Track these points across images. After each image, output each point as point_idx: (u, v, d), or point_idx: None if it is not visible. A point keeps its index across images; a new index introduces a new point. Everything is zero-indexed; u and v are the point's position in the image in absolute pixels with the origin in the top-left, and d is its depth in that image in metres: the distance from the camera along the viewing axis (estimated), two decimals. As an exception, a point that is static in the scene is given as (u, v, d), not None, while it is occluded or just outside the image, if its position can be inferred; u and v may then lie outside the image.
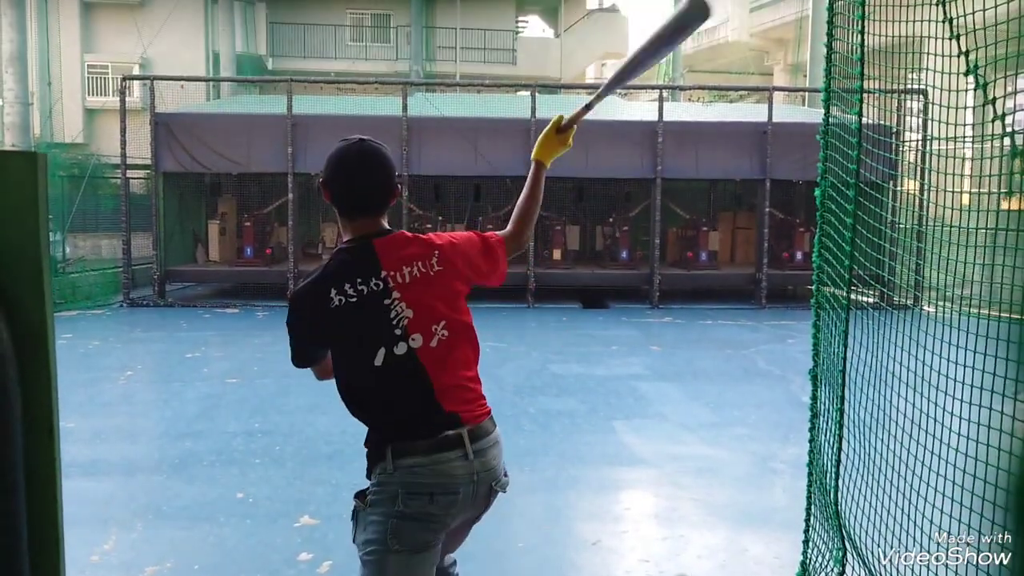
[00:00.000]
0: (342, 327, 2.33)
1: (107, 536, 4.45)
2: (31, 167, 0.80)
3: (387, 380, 2.32)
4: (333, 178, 2.43)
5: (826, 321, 3.54)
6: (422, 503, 2.27)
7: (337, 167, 2.43)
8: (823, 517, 3.60)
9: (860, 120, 3.20)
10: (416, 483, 2.27)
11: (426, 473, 2.28)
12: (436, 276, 2.41)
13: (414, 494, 2.27)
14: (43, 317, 0.88)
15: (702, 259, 15.11)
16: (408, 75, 24.57)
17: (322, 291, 2.33)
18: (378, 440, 2.34)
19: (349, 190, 2.42)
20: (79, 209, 15.40)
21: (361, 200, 2.43)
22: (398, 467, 2.28)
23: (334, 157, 2.44)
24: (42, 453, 0.90)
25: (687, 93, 21.75)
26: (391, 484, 2.28)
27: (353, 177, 2.42)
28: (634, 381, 8.46)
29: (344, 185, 2.42)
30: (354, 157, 2.42)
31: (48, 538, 0.91)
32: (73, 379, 8.17)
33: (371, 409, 2.36)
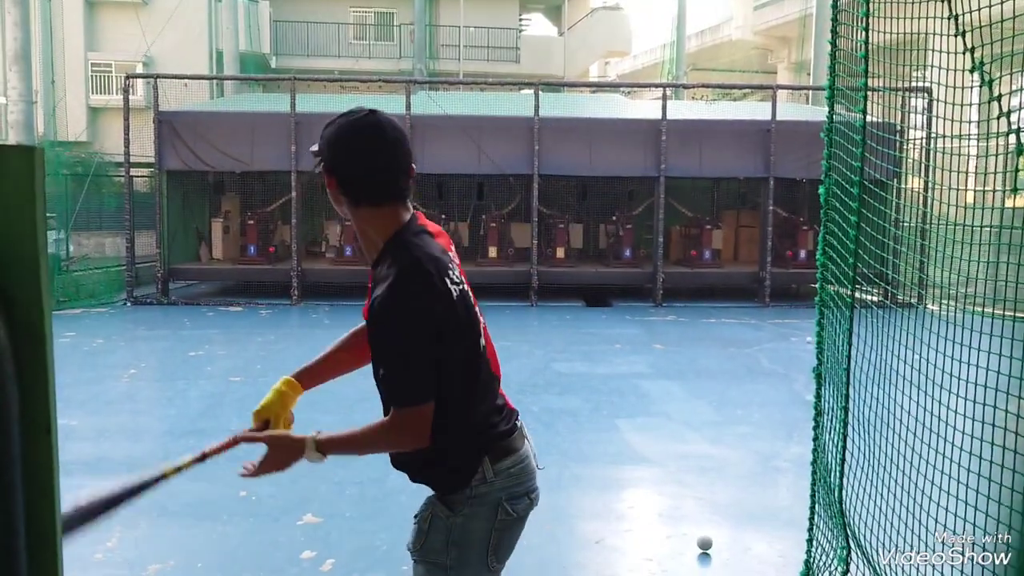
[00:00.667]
0: (457, 321, 2.04)
1: (111, 534, 4.45)
2: (28, 161, 0.80)
3: (484, 377, 2.14)
4: (354, 160, 2.03)
5: (830, 319, 3.53)
6: (524, 504, 2.15)
7: (360, 146, 2.02)
8: (827, 516, 3.59)
9: (864, 118, 3.19)
10: (516, 484, 2.13)
11: (520, 471, 2.15)
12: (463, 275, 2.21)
13: (516, 496, 2.13)
14: (41, 313, 0.87)
15: (705, 257, 15.09)
16: (411, 73, 24.57)
17: (449, 276, 2.04)
18: (469, 451, 2.10)
19: (390, 171, 2.04)
20: (83, 207, 15.43)
21: (396, 181, 2.06)
22: (498, 472, 2.10)
23: (350, 135, 2.03)
24: (40, 451, 0.89)
25: (691, 91, 21.73)
26: (492, 493, 2.09)
27: (393, 153, 2.03)
28: (637, 379, 8.45)
29: (385, 164, 2.03)
30: (384, 132, 2.02)
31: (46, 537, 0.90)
32: (77, 377, 8.18)
33: (469, 414, 2.10)
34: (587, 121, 14.49)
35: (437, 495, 2.13)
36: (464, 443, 2.09)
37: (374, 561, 4.16)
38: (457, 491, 2.09)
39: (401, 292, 1.94)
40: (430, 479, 2.15)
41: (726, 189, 17.63)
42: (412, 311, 1.95)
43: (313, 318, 12.70)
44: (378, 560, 4.17)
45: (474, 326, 2.11)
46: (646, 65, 41.20)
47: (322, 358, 2.49)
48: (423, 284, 1.96)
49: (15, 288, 0.82)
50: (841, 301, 3.39)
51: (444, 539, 2.09)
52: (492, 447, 2.11)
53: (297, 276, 13.90)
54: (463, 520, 2.08)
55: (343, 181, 2.05)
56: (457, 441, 2.08)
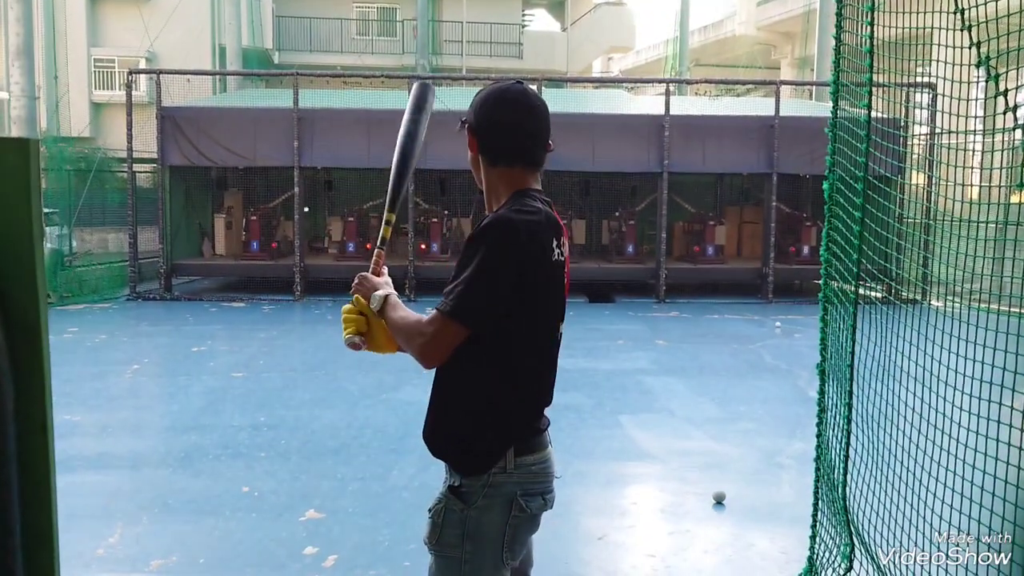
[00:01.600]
0: (547, 288, 2.09)
1: (113, 529, 4.45)
2: (23, 154, 0.79)
3: (544, 364, 2.15)
4: (500, 119, 2.11)
5: (834, 316, 3.51)
6: (539, 504, 2.12)
7: (506, 108, 2.10)
8: (831, 512, 3.58)
9: (869, 113, 3.18)
10: (533, 483, 2.11)
11: (541, 472, 2.13)
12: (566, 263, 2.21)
13: (531, 495, 2.10)
14: (36, 309, 0.86)
15: (708, 253, 15.07)
16: (414, 69, 24.54)
17: (546, 239, 2.07)
18: (498, 437, 2.08)
19: (522, 134, 2.12)
20: (86, 203, 15.41)
21: (532, 145, 2.14)
22: (519, 466, 2.08)
23: (500, 97, 2.12)
24: (36, 448, 0.88)
25: (694, 87, 21.67)
26: (508, 485, 2.07)
27: (525, 119, 2.12)
28: (640, 375, 8.44)
29: (515, 127, 2.11)
30: (523, 97, 2.11)
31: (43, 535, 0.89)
32: (80, 372, 8.19)
33: (513, 397, 2.10)
34: (590, 117, 14.45)
35: (450, 487, 2.11)
36: (496, 427, 2.09)
37: (376, 557, 4.16)
38: (475, 475, 2.07)
39: (503, 227, 2.01)
40: (453, 455, 2.13)
41: (729, 185, 17.61)
42: (502, 246, 2.00)
43: (316, 314, 12.70)
44: (380, 556, 4.17)
45: (553, 307, 2.13)
46: (649, 61, 41.11)
47: None
48: (526, 232, 2.02)
49: (10, 283, 0.81)
50: (845, 297, 3.38)
51: (459, 532, 2.07)
52: (520, 439, 2.10)
53: (300, 272, 13.89)
54: (477, 513, 2.06)
55: (484, 141, 2.14)
56: (491, 422, 2.09)
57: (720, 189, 17.74)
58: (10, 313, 0.81)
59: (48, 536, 0.89)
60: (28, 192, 0.79)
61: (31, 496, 0.85)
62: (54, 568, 0.91)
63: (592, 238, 16.90)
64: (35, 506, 0.87)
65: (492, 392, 2.08)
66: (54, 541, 0.91)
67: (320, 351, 9.76)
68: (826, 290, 3.55)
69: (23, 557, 0.84)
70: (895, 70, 3.18)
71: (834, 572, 3.46)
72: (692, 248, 15.34)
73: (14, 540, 0.82)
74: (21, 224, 0.80)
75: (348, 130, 14.12)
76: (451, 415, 2.13)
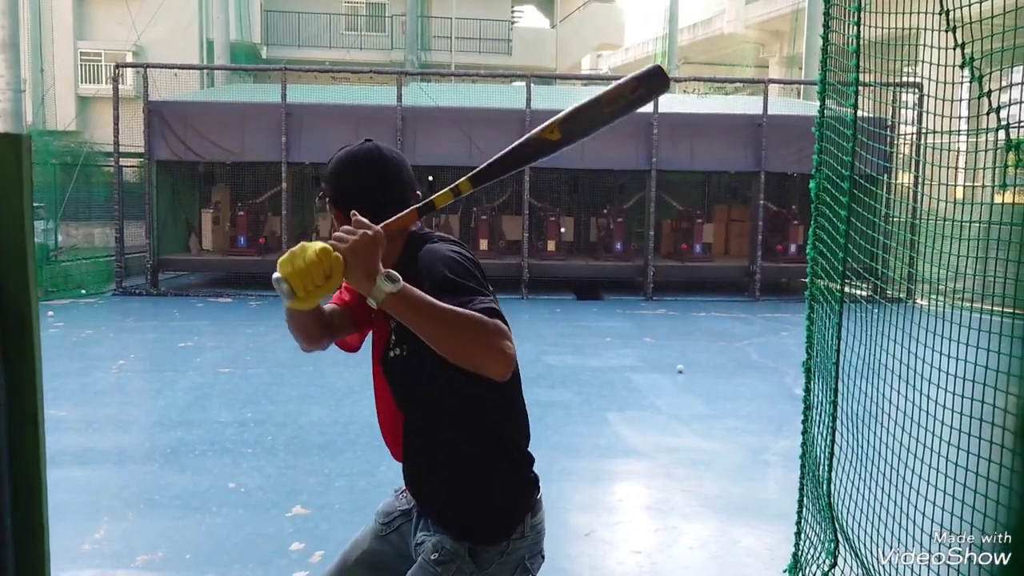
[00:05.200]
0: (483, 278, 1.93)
1: (98, 525, 4.44)
2: (14, 149, 0.79)
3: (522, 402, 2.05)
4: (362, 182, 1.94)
5: (820, 314, 3.53)
6: (539, 564, 2.00)
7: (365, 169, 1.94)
8: (815, 509, 3.61)
9: (855, 113, 3.20)
10: (537, 541, 1.98)
11: (543, 529, 2.01)
12: None
13: (535, 555, 1.98)
14: (27, 303, 0.87)
15: (696, 251, 15.11)
16: (403, 65, 24.48)
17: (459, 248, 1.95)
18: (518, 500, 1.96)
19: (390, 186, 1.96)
20: (72, 197, 15.34)
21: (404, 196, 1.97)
22: (532, 527, 1.96)
23: (354, 161, 1.95)
24: (27, 443, 0.88)
25: (683, 85, 21.70)
26: (522, 550, 1.95)
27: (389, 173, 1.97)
28: (628, 373, 8.46)
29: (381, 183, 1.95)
30: (379, 154, 1.97)
31: (33, 527, 0.90)
32: (65, 368, 8.15)
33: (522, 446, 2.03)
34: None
35: (468, 546, 1.92)
36: (516, 489, 1.97)
37: (363, 553, 4.16)
38: (495, 543, 1.92)
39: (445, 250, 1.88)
40: (477, 531, 1.94)
41: (717, 183, 17.67)
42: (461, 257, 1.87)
43: (303, 310, 12.66)
44: (367, 552, 4.17)
45: None
46: (638, 58, 41.12)
47: None
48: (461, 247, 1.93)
49: (2, 276, 0.81)
50: (831, 295, 3.40)
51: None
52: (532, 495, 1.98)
53: (287, 267, 13.83)
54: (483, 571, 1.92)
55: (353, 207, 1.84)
56: (511, 484, 1.97)
57: (708, 187, 17.80)
58: (1, 305, 0.81)
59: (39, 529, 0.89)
60: (20, 186, 0.79)
61: (21, 488, 0.86)
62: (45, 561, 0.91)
63: (580, 235, 16.94)
64: (26, 499, 0.87)
65: (507, 444, 1.97)
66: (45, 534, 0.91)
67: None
68: (812, 288, 3.57)
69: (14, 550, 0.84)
70: (882, 70, 3.20)
71: (818, 568, 3.49)
72: (680, 246, 15.38)
73: (5, 533, 0.83)
74: (13, 218, 0.80)
75: (336, 126, 14.09)
76: (470, 484, 1.96)
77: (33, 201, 0.90)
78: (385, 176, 1.95)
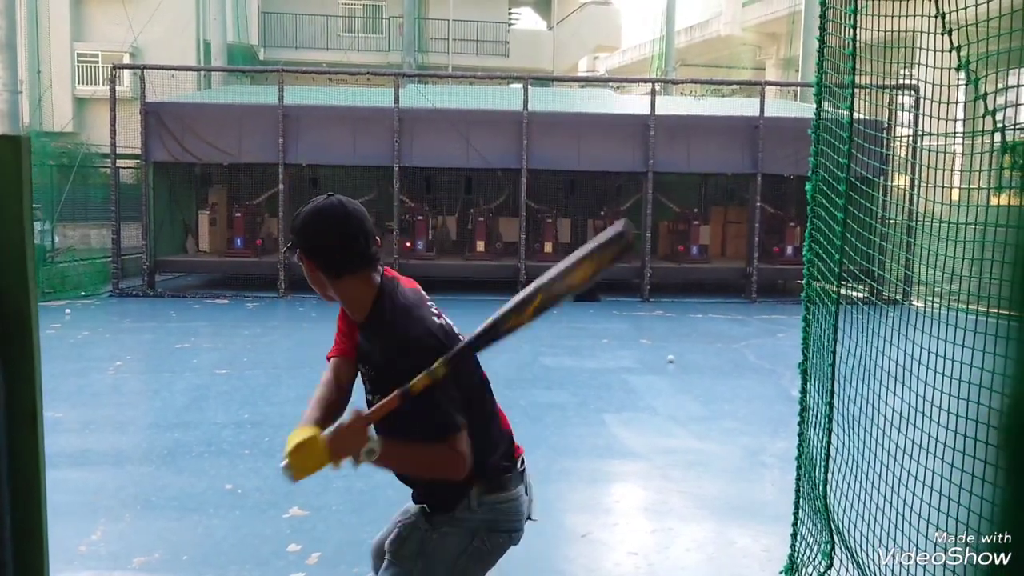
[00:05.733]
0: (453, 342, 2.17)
1: (95, 526, 4.44)
2: (15, 151, 0.79)
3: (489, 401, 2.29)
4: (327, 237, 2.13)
5: (816, 315, 3.54)
6: (501, 540, 2.24)
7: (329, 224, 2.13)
8: (812, 510, 3.61)
9: (852, 115, 3.20)
10: (500, 519, 2.23)
11: (508, 510, 2.25)
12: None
13: (495, 531, 2.23)
14: (27, 305, 0.87)
15: (693, 253, 15.13)
16: (400, 66, 24.46)
17: (426, 314, 2.19)
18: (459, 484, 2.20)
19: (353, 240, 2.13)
20: (68, 198, 15.32)
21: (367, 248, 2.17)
22: (483, 504, 2.22)
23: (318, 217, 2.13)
24: (26, 443, 0.88)
25: (680, 87, 21.73)
26: (472, 520, 2.22)
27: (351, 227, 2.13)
28: (624, 374, 8.47)
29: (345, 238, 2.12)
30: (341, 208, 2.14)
31: (32, 527, 0.90)
32: (62, 369, 8.14)
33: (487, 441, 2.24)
34: (576, 116, 14.48)
35: (424, 511, 2.28)
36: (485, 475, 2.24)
37: (360, 555, 4.16)
38: (442, 512, 2.24)
39: (414, 326, 2.14)
40: (425, 496, 2.30)
41: (714, 185, 17.68)
42: (429, 339, 2.12)
43: (300, 311, 12.67)
44: (364, 554, 4.15)
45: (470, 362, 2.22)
46: (635, 60, 41.17)
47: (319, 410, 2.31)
48: (426, 317, 2.18)
49: (1, 278, 0.81)
50: (827, 297, 3.41)
51: (416, 549, 2.23)
52: (483, 479, 2.22)
53: (284, 269, 13.85)
54: (439, 537, 2.22)
55: (320, 260, 2.15)
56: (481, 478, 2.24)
57: (705, 189, 17.81)
58: (1, 306, 0.81)
59: (38, 528, 0.89)
60: (20, 188, 0.79)
61: (20, 488, 0.86)
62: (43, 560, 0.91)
63: (577, 237, 16.91)
64: (25, 499, 0.87)
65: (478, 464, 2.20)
66: (43, 533, 0.92)
67: (304, 348, 9.74)
68: (808, 290, 3.57)
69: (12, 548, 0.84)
70: (878, 72, 3.21)
71: (814, 570, 3.49)
72: (677, 247, 15.39)
73: (4, 533, 0.83)
74: (13, 220, 0.80)
75: (333, 127, 14.10)
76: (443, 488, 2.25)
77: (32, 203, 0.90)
78: (348, 228, 2.14)
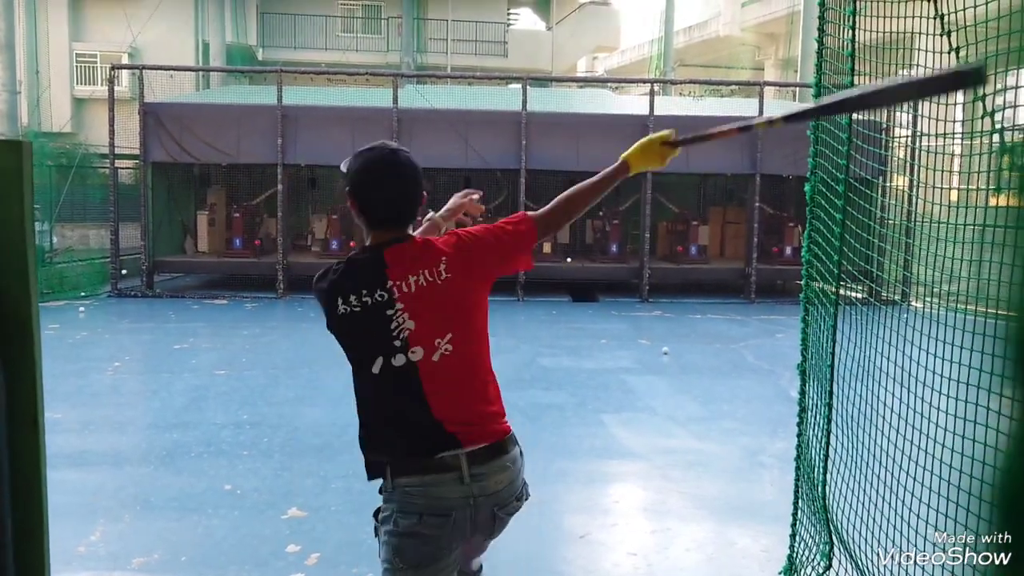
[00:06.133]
0: (346, 335, 2.29)
1: (94, 527, 4.44)
2: (16, 155, 0.79)
3: (384, 392, 2.25)
4: (362, 188, 2.29)
5: (815, 316, 3.54)
6: (411, 522, 2.22)
7: (368, 177, 2.30)
8: (811, 511, 3.62)
9: (851, 116, 3.20)
10: (409, 503, 2.23)
11: (418, 494, 2.23)
12: (445, 284, 2.27)
13: (406, 512, 2.24)
14: (28, 307, 0.87)
15: (692, 253, 15.13)
16: (399, 67, 24.49)
17: (331, 298, 2.28)
18: (374, 455, 2.31)
19: (381, 202, 2.30)
20: (67, 199, 15.31)
21: (391, 211, 2.32)
22: (396, 486, 2.26)
23: (363, 166, 2.30)
24: (27, 443, 0.89)
25: (678, 87, 21.73)
26: (391, 503, 2.28)
27: (385, 188, 2.29)
28: (623, 375, 8.47)
29: (375, 196, 2.30)
30: (386, 167, 2.30)
31: (33, 528, 0.90)
32: (61, 369, 8.14)
33: (370, 423, 2.31)
34: (575, 116, 14.49)
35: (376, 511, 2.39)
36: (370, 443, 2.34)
37: (359, 555, 4.16)
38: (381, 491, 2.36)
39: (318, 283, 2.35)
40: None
41: (713, 185, 17.68)
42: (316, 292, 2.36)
43: (299, 311, 12.67)
44: (363, 554, 4.17)
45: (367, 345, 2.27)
46: (634, 60, 41.19)
47: None
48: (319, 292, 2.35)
49: (3, 282, 0.81)
50: (826, 298, 3.41)
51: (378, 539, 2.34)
52: (393, 461, 2.28)
53: (283, 269, 13.85)
54: (379, 525, 2.33)
55: (357, 204, 2.33)
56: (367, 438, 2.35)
57: (704, 189, 17.81)
58: (2, 309, 0.81)
59: (38, 529, 0.89)
60: (21, 191, 0.79)
61: (21, 490, 0.86)
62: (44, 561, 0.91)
63: (576, 237, 16.93)
64: (26, 501, 0.87)
65: (362, 422, 2.34)
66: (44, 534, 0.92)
67: (303, 349, 9.74)
68: (807, 290, 3.58)
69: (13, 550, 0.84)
70: (876, 73, 3.21)
71: (813, 570, 3.50)
72: (676, 248, 15.40)
73: (5, 535, 0.83)
74: (14, 222, 0.80)
75: (332, 127, 14.09)
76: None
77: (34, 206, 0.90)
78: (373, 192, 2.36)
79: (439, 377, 2.24)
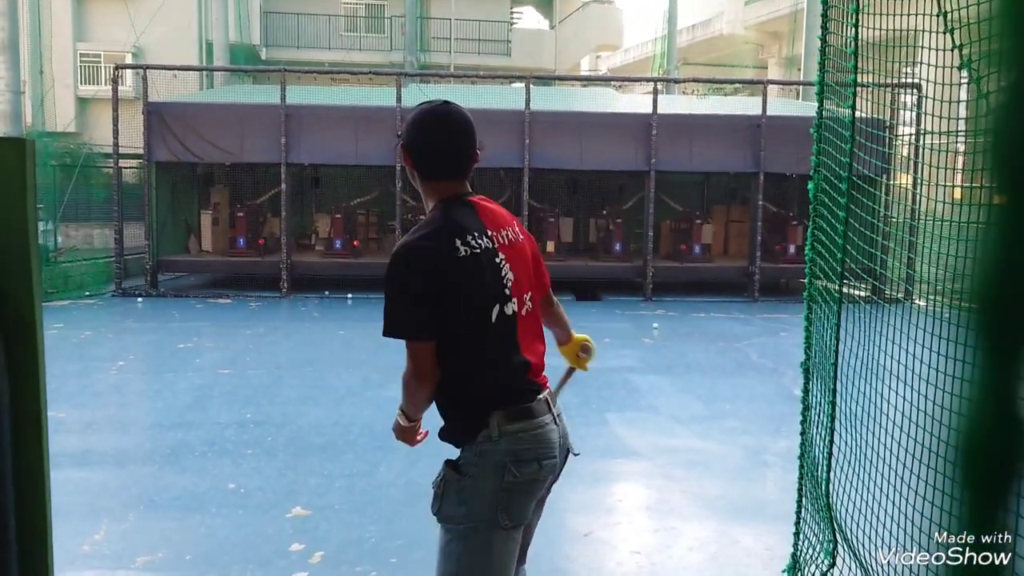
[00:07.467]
0: (468, 279, 2.25)
1: (98, 526, 4.45)
2: (19, 154, 0.79)
3: (497, 339, 2.30)
4: (422, 140, 2.37)
5: (818, 314, 3.54)
6: (533, 470, 2.26)
7: (427, 129, 2.37)
8: (814, 509, 3.61)
9: (854, 114, 3.20)
10: (524, 449, 2.25)
11: (530, 439, 2.27)
12: (521, 245, 2.43)
13: (523, 460, 2.25)
14: (31, 306, 0.87)
15: (695, 252, 15.12)
16: (402, 66, 24.48)
17: (445, 241, 2.26)
18: (478, 407, 2.27)
19: (440, 153, 2.38)
20: (71, 198, 15.36)
21: (452, 162, 2.40)
22: (504, 433, 2.24)
23: (421, 119, 2.37)
24: (30, 443, 0.89)
25: (682, 86, 21.72)
26: (495, 452, 2.24)
27: (445, 139, 2.37)
28: (627, 374, 8.47)
29: (435, 147, 2.38)
30: (444, 119, 2.38)
31: (37, 528, 0.90)
32: (65, 369, 8.15)
33: (477, 371, 2.29)
34: (578, 115, 14.48)
35: (449, 461, 2.31)
36: (472, 403, 2.28)
37: (363, 554, 4.17)
38: (466, 446, 2.28)
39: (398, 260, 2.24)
40: (447, 432, 2.36)
41: (716, 184, 17.67)
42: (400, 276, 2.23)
43: (302, 311, 12.68)
44: (367, 553, 4.17)
45: (483, 291, 2.27)
46: (637, 59, 41.14)
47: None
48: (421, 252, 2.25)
49: (6, 282, 0.82)
50: (829, 296, 3.41)
51: (456, 500, 2.24)
52: (504, 407, 2.27)
53: (287, 269, 13.86)
54: (471, 482, 2.24)
55: (414, 158, 2.39)
56: (467, 400, 2.30)
57: (707, 188, 17.80)
58: (6, 309, 0.81)
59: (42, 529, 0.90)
60: (24, 191, 0.80)
61: (25, 490, 0.86)
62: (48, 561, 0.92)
63: (580, 236, 16.93)
64: (30, 500, 0.87)
65: (463, 376, 2.29)
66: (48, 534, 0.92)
67: (306, 348, 9.75)
68: (811, 289, 3.57)
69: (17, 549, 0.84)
70: (880, 71, 3.21)
71: (817, 568, 3.50)
72: (679, 247, 15.38)
73: (9, 534, 0.83)
74: (17, 222, 0.80)
75: (335, 127, 14.10)
76: (441, 403, 2.36)
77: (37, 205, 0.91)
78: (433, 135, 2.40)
79: (527, 328, 2.39)
